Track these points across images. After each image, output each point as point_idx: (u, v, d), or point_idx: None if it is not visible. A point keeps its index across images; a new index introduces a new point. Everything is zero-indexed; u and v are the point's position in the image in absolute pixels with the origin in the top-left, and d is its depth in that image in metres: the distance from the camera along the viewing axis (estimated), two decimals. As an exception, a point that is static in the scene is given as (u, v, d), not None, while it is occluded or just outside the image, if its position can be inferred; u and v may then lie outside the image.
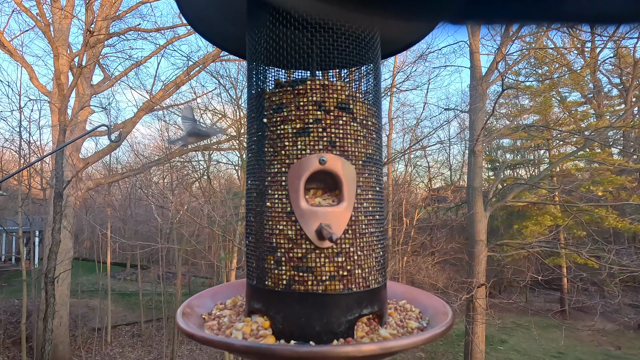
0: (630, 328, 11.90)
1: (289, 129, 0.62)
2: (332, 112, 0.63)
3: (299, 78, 0.66)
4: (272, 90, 0.66)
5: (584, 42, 10.48)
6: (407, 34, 0.78)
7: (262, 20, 0.65)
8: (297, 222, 0.61)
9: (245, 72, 0.83)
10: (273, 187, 0.63)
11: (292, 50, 0.64)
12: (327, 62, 0.64)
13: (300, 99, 0.63)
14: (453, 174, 16.55)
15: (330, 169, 0.62)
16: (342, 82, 0.67)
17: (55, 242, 6.05)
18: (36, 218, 13.13)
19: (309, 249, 0.60)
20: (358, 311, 0.61)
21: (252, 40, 0.68)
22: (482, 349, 8.30)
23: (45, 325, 6.03)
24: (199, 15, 0.74)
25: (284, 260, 0.61)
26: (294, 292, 0.60)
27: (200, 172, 12.06)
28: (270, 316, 0.61)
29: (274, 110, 0.64)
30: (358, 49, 0.66)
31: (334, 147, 0.62)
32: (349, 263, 0.61)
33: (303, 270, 0.60)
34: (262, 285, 0.63)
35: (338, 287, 0.61)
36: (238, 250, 8.83)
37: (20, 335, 8.59)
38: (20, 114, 9.04)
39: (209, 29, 0.78)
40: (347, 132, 0.63)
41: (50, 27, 8.34)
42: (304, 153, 0.61)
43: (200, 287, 15.37)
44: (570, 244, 10.73)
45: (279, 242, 0.62)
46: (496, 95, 9.33)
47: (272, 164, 0.63)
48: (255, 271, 0.65)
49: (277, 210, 0.62)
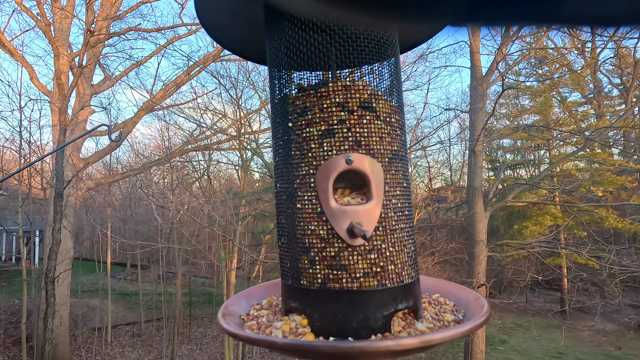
0: (631, 328, 11.90)
1: (314, 132, 0.64)
2: (355, 112, 0.64)
3: (321, 81, 0.67)
4: (296, 94, 0.67)
5: (584, 43, 10.48)
6: (412, 35, 0.78)
7: (280, 27, 0.67)
8: (328, 222, 0.62)
9: (267, 78, 0.84)
10: (302, 189, 0.64)
11: (311, 54, 0.65)
12: (345, 63, 0.66)
13: (324, 101, 0.64)
14: (453, 174, 16.57)
15: (357, 167, 0.63)
16: (363, 82, 0.68)
17: (55, 241, 6.05)
18: (36, 218, 13.13)
19: (341, 247, 0.62)
20: (393, 306, 0.63)
21: (272, 47, 0.69)
22: (482, 349, 8.30)
23: (45, 325, 6.03)
24: (217, 24, 0.76)
25: (317, 259, 0.63)
26: (329, 290, 0.62)
27: (200, 172, 12.08)
28: (308, 314, 0.63)
29: (298, 114, 0.65)
30: (377, 47, 0.67)
31: (360, 146, 0.63)
32: (381, 259, 0.63)
33: (337, 268, 0.62)
34: (297, 284, 0.64)
35: (372, 283, 0.62)
36: (238, 250, 8.83)
37: (20, 335, 8.60)
38: (20, 113, 9.06)
39: (229, 39, 0.80)
40: (372, 131, 0.64)
41: (50, 27, 8.35)
42: (330, 154, 0.63)
43: (200, 286, 15.39)
44: (570, 244, 10.73)
45: (312, 242, 0.63)
46: (496, 96, 9.34)
47: (299, 166, 0.64)
48: (290, 271, 0.66)
49: (307, 211, 0.64)
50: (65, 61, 8.02)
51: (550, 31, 7.56)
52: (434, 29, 0.74)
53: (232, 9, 0.74)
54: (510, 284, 13.73)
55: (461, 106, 12.52)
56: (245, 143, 10.14)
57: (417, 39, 0.80)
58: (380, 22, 0.60)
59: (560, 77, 11.79)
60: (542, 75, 12.16)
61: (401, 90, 0.72)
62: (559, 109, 14.30)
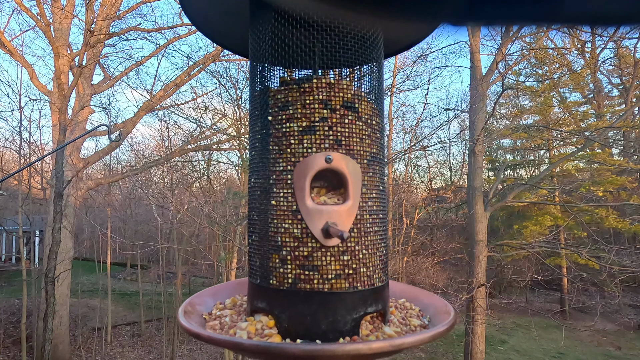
0: (631, 328, 11.91)
1: (295, 127, 0.62)
2: (338, 111, 0.63)
3: (304, 76, 0.66)
4: (277, 88, 0.66)
5: (584, 43, 10.48)
6: (409, 34, 0.78)
7: (265, 19, 0.65)
8: (303, 221, 0.61)
9: (248, 70, 0.82)
10: (278, 185, 0.63)
11: (295, 49, 0.64)
12: (330, 61, 0.64)
13: (307, 97, 0.63)
14: (453, 174, 16.57)
15: (336, 167, 0.62)
16: (348, 81, 0.67)
17: (55, 241, 6.05)
18: (36, 218, 13.14)
19: (315, 247, 0.60)
20: (363, 309, 0.62)
21: (255, 39, 0.68)
22: (482, 349, 8.30)
23: (45, 325, 6.03)
24: (200, 13, 0.75)
25: (289, 258, 0.61)
26: (300, 291, 0.60)
27: (200, 172, 12.06)
28: (275, 315, 0.61)
29: (279, 108, 0.64)
30: (362, 48, 0.66)
31: (340, 146, 0.62)
32: (354, 261, 0.62)
33: (309, 268, 0.60)
34: (266, 284, 0.63)
35: (344, 285, 0.61)
36: (238, 250, 8.83)
37: (20, 335, 8.59)
38: (20, 113, 9.05)
39: (210, 28, 0.78)
40: (353, 131, 0.63)
41: (50, 26, 8.35)
42: (310, 151, 0.61)
43: (200, 287, 15.35)
44: (570, 244, 10.73)
45: (285, 240, 0.61)
46: (496, 96, 9.33)
47: (277, 161, 0.63)
48: (259, 270, 0.65)
49: (282, 208, 0.62)
50: (65, 61, 8.02)
51: (550, 31, 7.56)
52: (431, 28, 0.74)
53: (221, 4, 0.73)
54: (510, 284, 13.73)
55: (461, 106, 12.53)
56: (245, 143, 10.14)
57: (415, 38, 0.79)
58: (376, 20, 0.59)
59: (560, 77, 11.79)
60: (542, 76, 12.16)
61: (382, 94, 0.71)
62: (559, 109, 14.31)
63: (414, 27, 0.74)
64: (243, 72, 10.11)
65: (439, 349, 10.77)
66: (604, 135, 10.26)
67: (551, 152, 14.75)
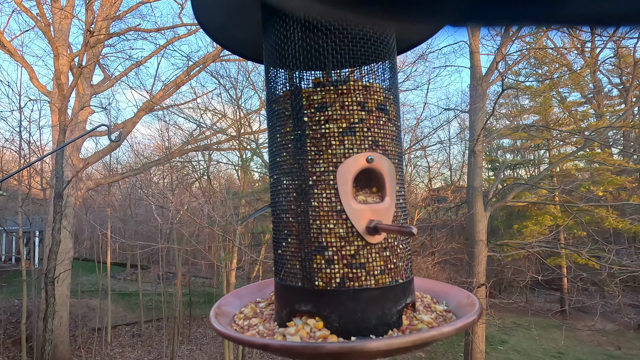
0: (631, 328, 11.91)
1: (335, 128, 0.63)
2: (373, 113, 0.65)
3: (341, 78, 0.67)
4: (312, 89, 0.66)
5: (584, 42, 10.48)
6: (411, 35, 0.78)
7: (280, 24, 0.66)
8: (348, 220, 0.62)
9: (263, 74, 0.82)
10: (319, 186, 0.63)
11: (307, 52, 0.65)
12: (346, 61, 0.66)
13: (345, 98, 0.64)
14: (453, 174, 16.57)
15: (376, 167, 0.64)
16: (379, 84, 0.69)
17: (55, 242, 6.05)
18: (36, 218, 13.13)
19: (361, 245, 0.62)
20: (404, 301, 0.65)
21: (273, 43, 0.68)
22: (482, 349, 8.30)
23: (45, 325, 6.03)
24: (210, 18, 0.75)
25: (336, 258, 0.62)
26: (349, 289, 0.62)
27: (200, 172, 12.07)
28: (324, 316, 0.62)
29: (315, 109, 0.65)
30: (383, 49, 0.68)
31: (377, 147, 0.64)
32: (394, 256, 0.65)
33: (356, 266, 0.62)
34: (310, 286, 0.63)
35: (387, 280, 0.63)
36: (238, 250, 8.83)
37: (20, 336, 8.59)
38: (20, 114, 9.06)
39: (220, 33, 0.79)
40: (386, 132, 0.66)
41: (50, 27, 8.35)
42: (351, 152, 0.63)
43: (200, 287, 15.39)
44: (570, 244, 10.73)
45: (330, 240, 0.62)
46: (496, 96, 9.33)
47: (316, 162, 0.63)
48: (300, 272, 0.65)
49: (325, 209, 0.63)
50: (65, 61, 8.02)
51: (550, 31, 7.56)
52: (433, 29, 0.74)
53: (229, 6, 0.73)
54: (510, 284, 13.73)
55: (461, 106, 12.54)
56: (245, 143, 10.15)
57: (416, 39, 0.80)
58: (379, 21, 0.60)
59: (560, 77, 11.79)
60: (542, 75, 12.17)
61: (398, 94, 0.73)
62: (558, 108, 14.31)
63: (417, 28, 0.74)
64: (243, 72, 10.12)
65: (439, 349, 10.77)
66: (604, 135, 10.26)
67: (551, 151, 14.76)
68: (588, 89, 14.34)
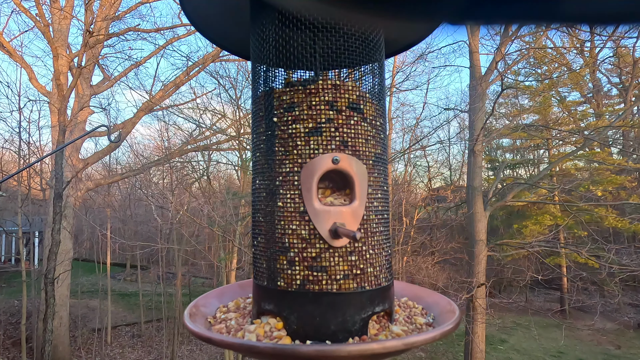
0: (630, 327, 11.91)
1: (301, 128, 0.62)
2: (343, 112, 0.63)
3: (310, 77, 0.66)
4: (282, 89, 0.66)
5: (583, 42, 10.49)
6: (408, 34, 0.78)
7: (267, 20, 0.65)
8: (310, 222, 0.61)
9: (249, 71, 0.81)
10: (285, 186, 0.63)
11: (298, 50, 0.64)
12: (332, 61, 0.65)
13: (312, 98, 0.63)
14: (453, 173, 16.58)
15: (343, 168, 0.62)
16: (353, 82, 0.67)
17: (55, 242, 6.04)
18: (36, 219, 13.13)
19: (323, 248, 0.61)
20: (371, 309, 0.62)
21: (257, 40, 0.68)
22: (482, 349, 8.30)
23: (45, 326, 6.03)
24: (201, 14, 0.75)
25: (297, 260, 0.61)
26: (308, 292, 0.60)
27: (200, 173, 12.05)
28: (284, 317, 0.61)
29: (284, 109, 0.64)
30: (365, 49, 0.66)
31: (346, 147, 0.62)
32: (361, 262, 0.62)
33: (317, 269, 0.60)
34: (274, 285, 0.63)
35: (352, 285, 0.61)
36: (238, 250, 8.83)
37: (20, 336, 8.59)
38: (19, 114, 9.05)
39: (211, 30, 0.78)
40: (358, 132, 0.64)
41: (49, 27, 8.34)
42: (316, 152, 0.62)
43: (200, 287, 15.38)
44: (570, 244, 10.74)
45: (292, 242, 0.61)
46: (496, 95, 9.33)
47: (283, 163, 0.63)
48: (266, 272, 0.64)
49: (289, 210, 0.62)
50: (65, 62, 8.02)
51: (549, 30, 7.56)
52: (431, 28, 0.74)
53: (221, 5, 0.73)
54: (510, 284, 13.74)
55: (460, 106, 12.54)
56: (245, 143, 10.14)
57: (414, 38, 0.79)
58: (376, 20, 0.60)
59: (559, 77, 11.80)
60: (541, 75, 12.17)
61: (384, 94, 0.72)
62: (558, 108, 14.31)
63: (414, 27, 0.74)
64: (242, 72, 10.11)
65: (439, 349, 10.78)
66: (603, 134, 10.27)
67: (550, 151, 14.76)
68: (587, 88, 14.35)
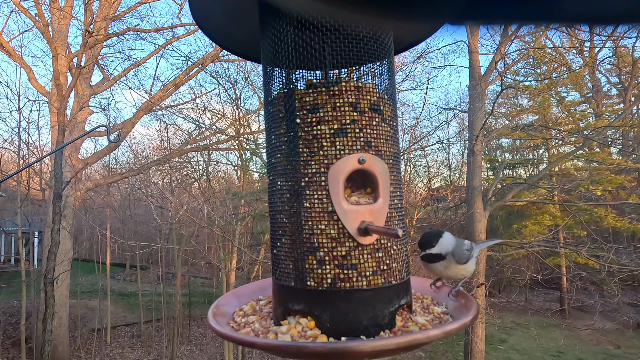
0: (630, 327, 11.92)
1: (326, 130, 0.63)
2: (366, 113, 0.64)
3: (333, 79, 0.67)
4: (304, 90, 0.66)
5: (582, 42, 10.49)
6: (409, 35, 0.78)
7: (280, 24, 0.66)
8: (339, 221, 0.62)
9: (248, 71, 0.81)
10: (311, 187, 0.63)
11: (312, 50, 0.64)
12: (342, 61, 0.65)
13: (336, 99, 0.64)
14: (452, 173, 16.59)
15: (368, 168, 0.63)
16: (372, 84, 0.68)
17: (54, 242, 6.04)
18: (35, 219, 13.11)
19: (352, 246, 0.62)
20: (397, 302, 0.64)
21: (270, 43, 0.68)
22: (482, 349, 8.30)
23: (44, 326, 6.02)
24: (209, 19, 0.75)
25: (327, 259, 0.62)
26: (340, 290, 0.61)
27: (199, 173, 12.05)
28: (315, 316, 0.62)
29: (307, 110, 0.64)
30: (374, 48, 0.67)
31: (370, 147, 0.64)
32: (387, 257, 0.64)
33: (347, 267, 0.62)
34: (302, 286, 0.63)
35: (380, 281, 0.63)
36: (238, 250, 8.83)
37: (19, 336, 8.58)
38: (19, 114, 9.02)
39: (215, 31, 0.79)
40: (380, 133, 0.65)
41: (49, 27, 8.33)
42: (342, 153, 0.62)
43: (200, 287, 15.37)
44: (569, 244, 10.74)
45: (321, 241, 0.62)
46: (495, 95, 9.33)
47: (308, 164, 0.63)
48: (293, 272, 0.65)
49: (317, 210, 0.63)
50: (64, 62, 8.01)
51: (549, 30, 7.56)
52: (432, 29, 0.74)
53: (226, 7, 0.73)
54: (509, 283, 13.75)
55: (460, 106, 12.55)
56: (244, 143, 10.14)
57: (415, 38, 0.80)
58: (377, 20, 0.60)
59: (559, 77, 11.81)
60: (541, 75, 12.18)
61: (396, 95, 0.73)
62: (557, 108, 14.32)
63: (416, 27, 0.74)
64: (242, 72, 10.11)
65: (438, 349, 10.78)
66: (603, 134, 10.27)
67: (550, 151, 14.77)
68: (587, 88, 14.35)
